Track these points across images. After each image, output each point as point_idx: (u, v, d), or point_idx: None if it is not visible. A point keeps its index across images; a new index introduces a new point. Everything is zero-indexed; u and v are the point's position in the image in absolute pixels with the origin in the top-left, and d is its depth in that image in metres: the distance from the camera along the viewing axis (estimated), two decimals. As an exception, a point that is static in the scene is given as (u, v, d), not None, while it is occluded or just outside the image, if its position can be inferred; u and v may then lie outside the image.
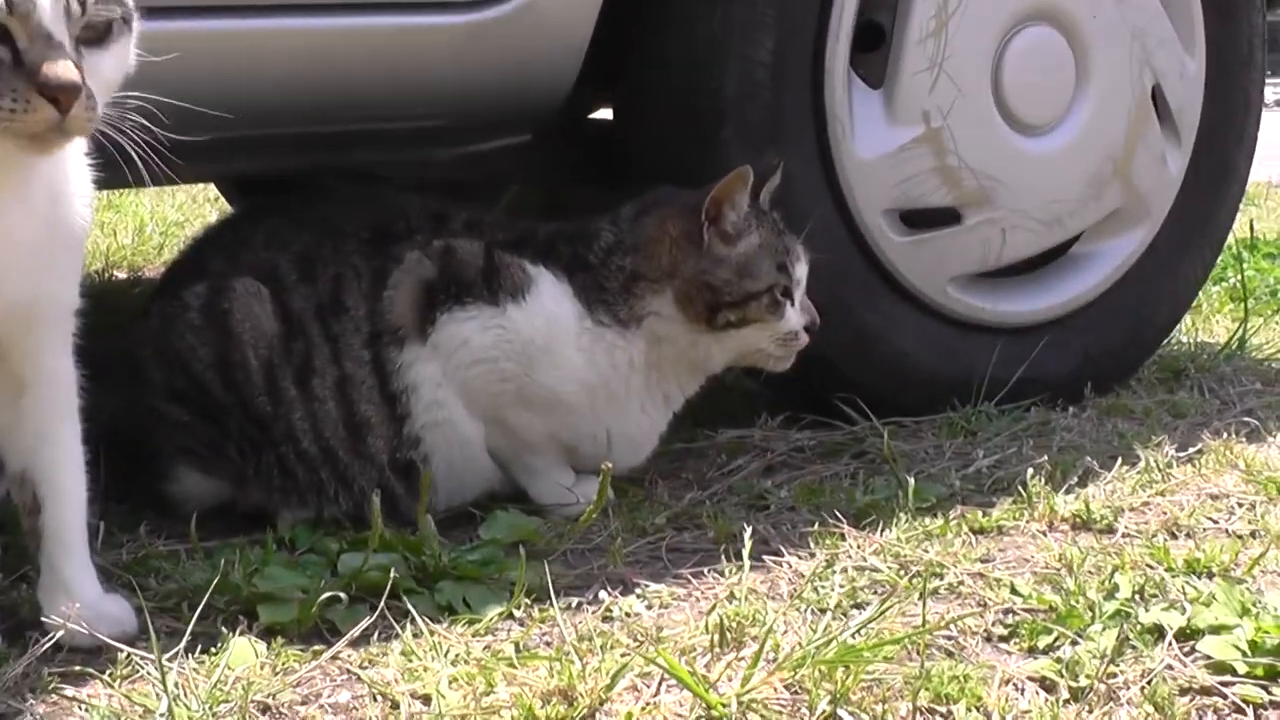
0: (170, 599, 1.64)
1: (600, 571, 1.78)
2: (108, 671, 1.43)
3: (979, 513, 1.96)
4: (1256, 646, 1.50)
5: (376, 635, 1.55)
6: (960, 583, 1.72)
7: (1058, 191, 2.49)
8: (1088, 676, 1.44)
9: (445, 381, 1.93)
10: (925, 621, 1.54)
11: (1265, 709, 1.43)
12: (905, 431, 2.35)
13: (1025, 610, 1.63)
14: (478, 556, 1.74)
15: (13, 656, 1.45)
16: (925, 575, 1.70)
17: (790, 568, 1.78)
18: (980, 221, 2.41)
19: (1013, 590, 1.68)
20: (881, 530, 1.88)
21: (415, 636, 1.53)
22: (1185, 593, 1.66)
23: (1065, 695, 1.43)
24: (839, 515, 1.93)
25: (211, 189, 4.94)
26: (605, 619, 1.62)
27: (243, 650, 1.50)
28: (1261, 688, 1.45)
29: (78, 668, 1.45)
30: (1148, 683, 1.44)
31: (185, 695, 1.38)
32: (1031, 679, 1.47)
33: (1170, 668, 1.48)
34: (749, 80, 2.19)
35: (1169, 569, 1.76)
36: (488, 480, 2.01)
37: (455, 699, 1.38)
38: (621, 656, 1.45)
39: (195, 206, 5.40)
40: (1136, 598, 1.66)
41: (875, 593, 1.68)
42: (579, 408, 1.98)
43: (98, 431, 1.65)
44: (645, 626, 1.59)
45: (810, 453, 2.27)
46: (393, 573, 1.62)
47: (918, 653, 1.49)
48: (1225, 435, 2.34)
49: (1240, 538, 1.90)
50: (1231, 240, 3.83)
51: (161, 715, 1.34)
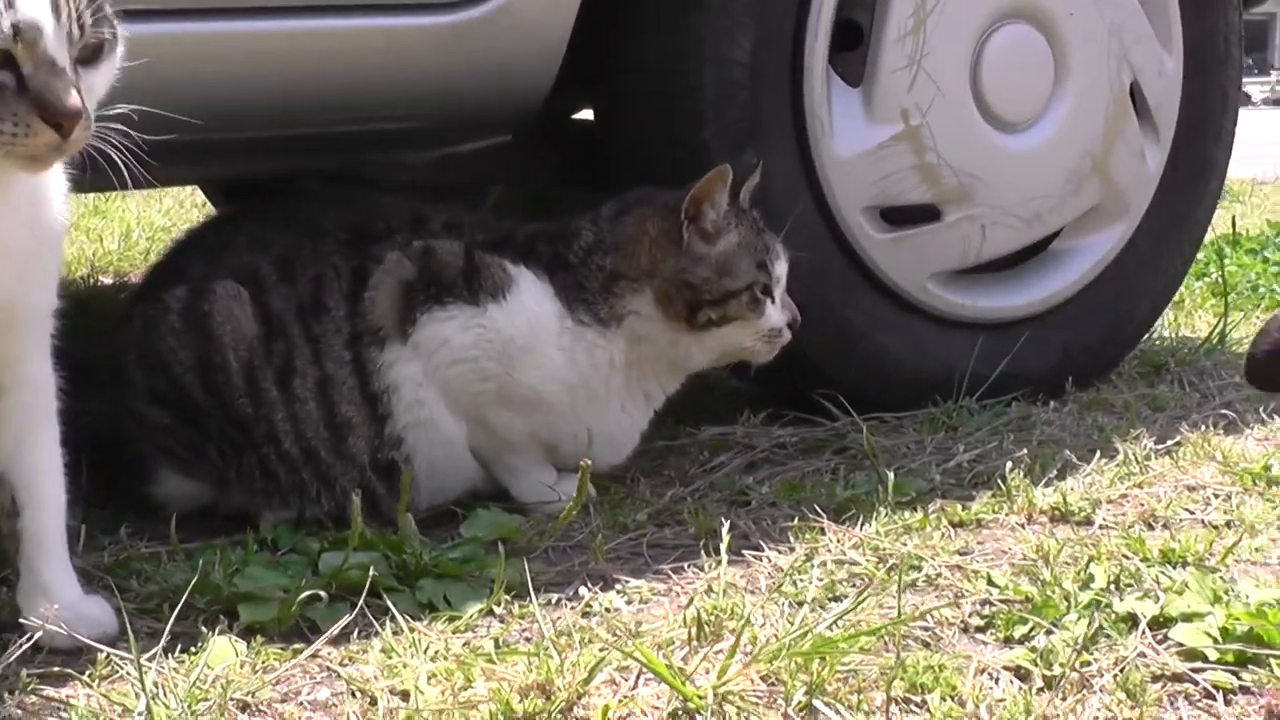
0: (151, 600, 1.65)
1: (581, 568, 1.79)
2: (87, 672, 1.44)
3: (958, 506, 1.97)
4: (1227, 633, 1.51)
5: (357, 633, 1.56)
6: (938, 575, 1.73)
7: (1037, 188, 2.51)
8: (1061, 665, 1.45)
9: (426, 381, 1.94)
10: (901, 613, 1.55)
11: (1235, 694, 1.44)
12: (887, 427, 2.37)
13: (1002, 601, 1.64)
14: (459, 554, 1.75)
15: (-7, 658, 1.46)
16: (902, 568, 1.71)
17: (770, 562, 1.79)
18: (960, 218, 2.43)
19: (989, 582, 1.69)
20: (861, 524, 1.90)
21: (395, 634, 1.54)
22: (1159, 582, 1.68)
23: (1039, 684, 1.44)
24: (819, 510, 1.94)
25: (199, 194, 4.95)
26: (585, 614, 1.63)
27: (223, 649, 1.50)
28: (1232, 673, 1.46)
29: (57, 669, 1.45)
30: (1120, 670, 1.45)
31: (164, 694, 1.38)
32: (1006, 668, 1.48)
33: (1143, 655, 1.49)
34: (727, 80, 2.20)
35: (1144, 559, 1.77)
36: (469, 479, 2.02)
37: (434, 694, 1.39)
38: (600, 651, 1.46)
39: (182, 212, 5.41)
40: (1112, 587, 1.67)
41: (853, 586, 1.69)
42: (560, 407, 1.99)
43: (81, 435, 1.65)
44: (624, 621, 1.60)
45: (792, 449, 2.28)
46: (373, 571, 1.63)
47: (894, 644, 1.50)
48: (1203, 428, 2.35)
49: (1215, 528, 1.92)
50: (1214, 236, 3.87)
51: (140, 714, 1.34)
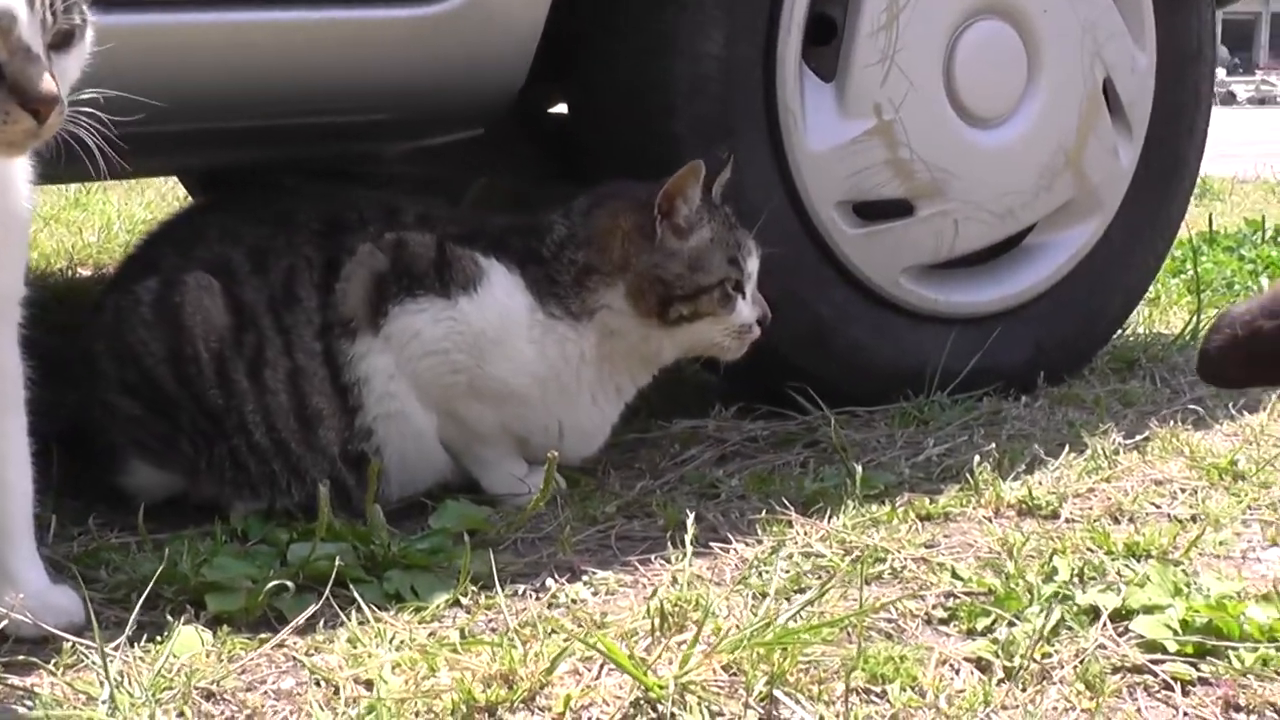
0: (120, 590, 1.65)
1: (549, 559, 1.80)
2: (52, 661, 1.44)
3: (926, 500, 1.98)
4: (1187, 625, 1.53)
5: (323, 623, 1.56)
6: (903, 567, 1.74)
7: (1010, 183, 2.52)
8: (1022, 656, 1.47)
9: (397, 373, 1.94)
10: (863, 604, 1.56)
11: (1193, 685, 1.45)
12: (858, 421, 2.38)
13: (965, 594, 1.66)
14: (427, 545, 1.75)
15: (-43, 647, 1.46)
16: (865, 559, 1.72)
17: (736, 554, 1.80)
18: (933, 213, 2.44)
19: (954, 574, 1.70)
20: (829, 517, 1.90)
21: (361, 624, 1.55)
22: (1122, 575, 1.69)
23: (999, 675, 1.46)
24: (787, 503, 1.95)
25: (181, 189, 4.95)
26: (551, 605, 1.64)
27: (189, 638, 1.51)
28: (1190, 665, 1.48)
29: (22, 657, 1.46)
30: (1080, 662, 1.47)
31: (129, 682, 1.39)
32: (967, 659, 1.49)
33: (1103, 647, 1.51)
34: (699, 73, 2.21)
35: (1109, 552, 1.78)
36: (440, 471, 2.02)
37: (397, 684, 1.40)
38: (563, 641, 1.46)
39: (164, 205, 5.40)
40: (1075, 580, 1.69)
41: (819, 578, 1.70)
42: (530, 399, 2.00)
43: (54, 426, 1.65)
44: (590, 612, 1.60)
45: (763, 442, 2.29)
46: (339, 561, 1.63)
47: (857, 635, 1.51)
48: (1172, 423, 2.36)
49: (1181, 522, 1.93)
50: (1192, 234, 3.88)
51: (104, 702, 1.35)
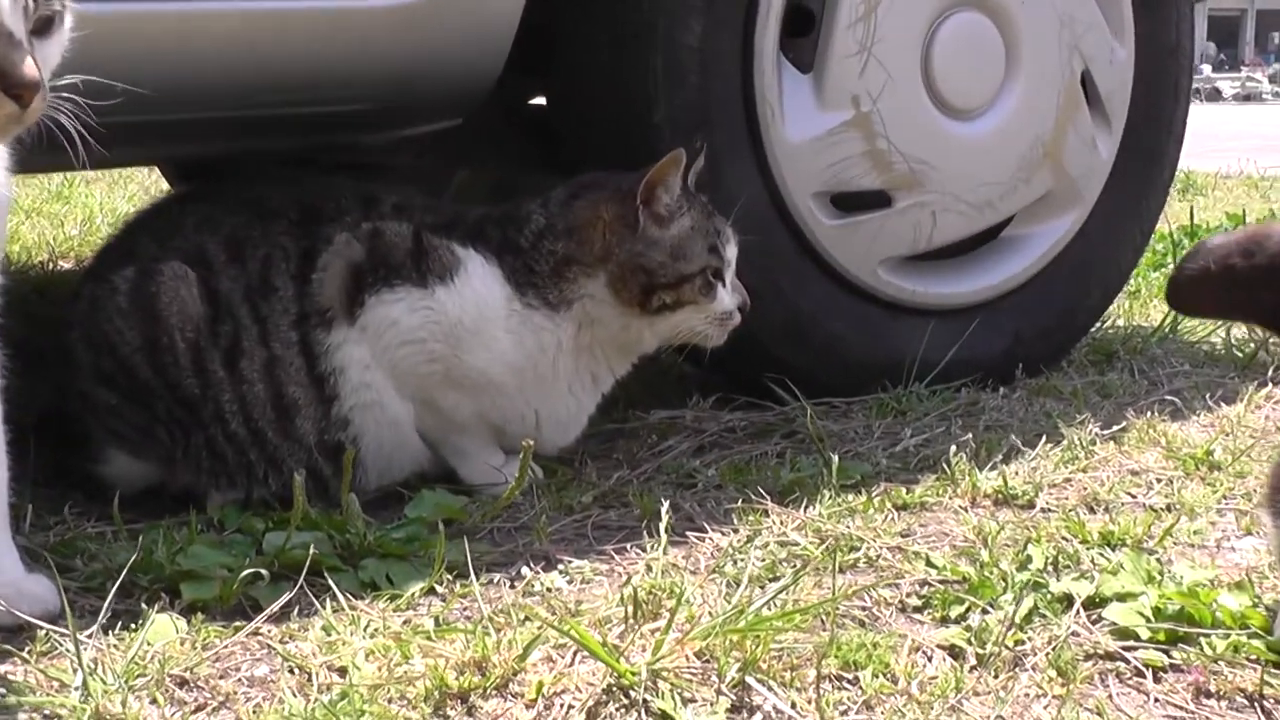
0: (95, 579, 1.65)
1: (525, 548, 1.80)
2: (26, 649, 1.44)
3: (903, 490, 1.99)
4: (1159, 612, 1.53)
5: (298, 612, 1.57)
6: (878, 556, 1.75)
7: (988, 175, 2.53)
8: (994, 644, 1.47)
9: (374, 363, 1.95)
10: (835, 591, 1.57)
11: (1165, 672, 1.46)
12: (836, 412, 2.38)
13: (940, 582, 1.66)
14: (402, 534, 1.76)
15: (-69, 635, 1.46)
16: (837, 547, 1.73)
17: (712, 543, 1.80)
18: (910, 205, 2.44)
19: (928, 563, 1.71)
20: (805, 507, 1.91)
21: (335, 612, 1.55)
22: (1096, 563, 1.70)
23: (972, 662, 1.46)
24: (764, 493, 1.95)
25: (164, 182, 4.94)
26: (526, 594, 1.64)
27: (163, 626, 1.51)
28: (1162, 651, 1.48)
29: (-4, 646, 1.46)
30: (1052, 649, 1.47)
31: (102, 670, 1.39)
32: (940, 647, 1.49)
33: (1076, 634, 1.52)
34: (677, 65, 2.21)
35: (1084, 541, 1.79)
36: (417, 461, 2.02)
37: (370, 670, 1.40)
38: (537, 629, 1.47)
39: (147, 198, 5.37)
40: (1049, 569, 1.69)
41: (793, 566, 1.70)
42: (507, 389, 2.00)
43: (31, 415, 1.65)
44: (565, 600, 1.61)
45: (741, 433, 2.29)
46: (313, 550, 1.64)
47: (830, 622, 1.51)
48: (1150, 414, 2.37)
49: (1156, 511, 1.94)
50: (1174, 228, 3.90)
51: (76, 689, 1.35)
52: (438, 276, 1.95)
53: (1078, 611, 1.56)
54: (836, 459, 2.02)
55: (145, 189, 5.66)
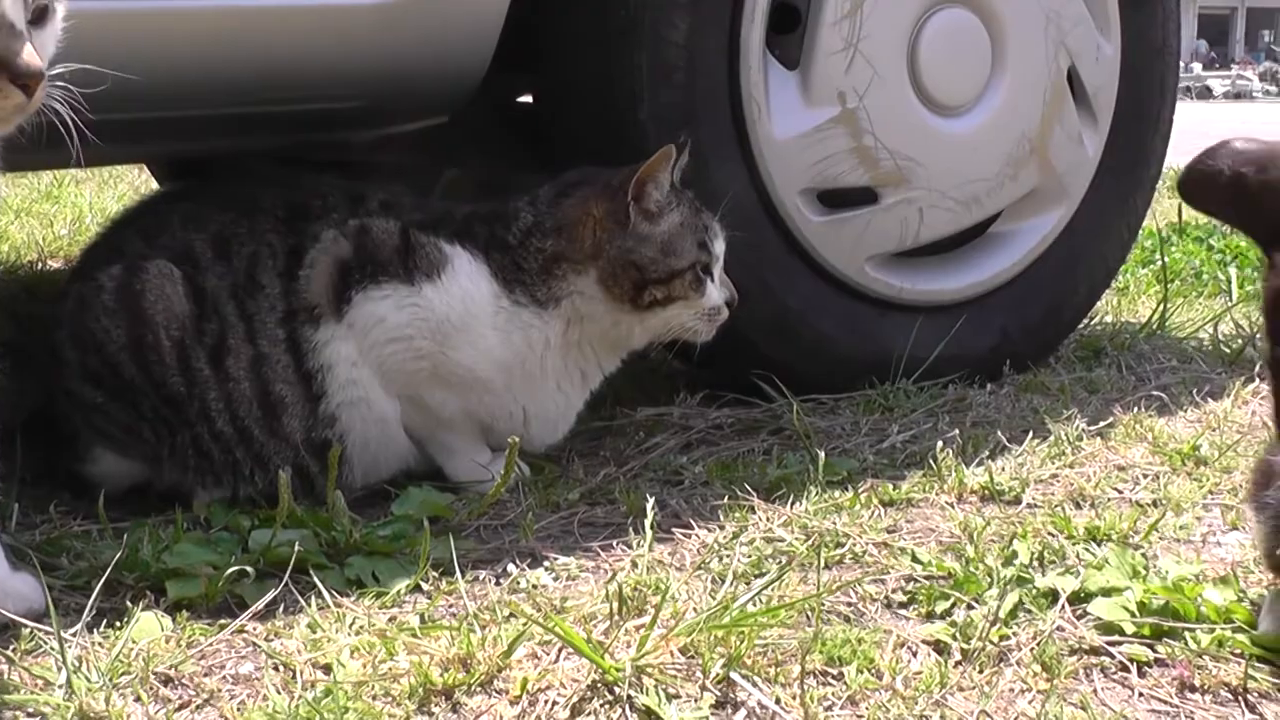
0: (81, 577, 1.65)
1: (511, 545, 1.80)
2: (11, 647, 1.44)
3: (889, 486, 1.99)
4: (1144, 607, 1.54)
5: (283, 609, 1.57)
6: (864, 552, 1.75)
7: (975, 171, 2.53)
8: (979, 639, 1.47)
9: (361, 360, 1.94)
10: (820, 586, 1.57)
11: (1149, 666, 1.46)
12: (823, 409, 2.38)
13: (925, 577, 1.66)
14: (388, 532, 1.76)
15: (-84, 634, 1.46)
16: (822, 543, 1.73)
17: (698, 539, 1.80)
18: (897, 201, 2.44)
19: (914, 558, 1.71)
20: (792, 503, 1.91)
21: (321, 609, 1.55)
22: (1081, 558, 1.70)
23: (956, 657, 1.46)
24: (750, 489, 1.95)
25: (154, 183, 4.93)
26: (512, 590, 1.64)
27: (148, 624, 1.51)
28: (1147, 646, 1.49)
29: (-19, 643, 1.46)
30: (1037, 644, 1.48)
31: (86, 667, 1.39)
32: (925, 642, 1.50)
33: (1060, 629, 1.52)
34: (664, 62, 2.21)
35: (1069, 536, 1.79)
36: (403, 458, 2.02)
37: (355, 667, 1.40)
38: (522, 625, 1.47)
39: (137, 197, 5.37)
40: (1035, 564, 1.69)
41: (779, 562, 1.70)
42: (494, 386, 2.00)
43: (18, 414, 1.65)
44: (550, 597, 1.61)
45: (728, 430, 2.29)
46: (298, 547, 1.63)
47: (815, 618, 1.51)
48: (1137, 409, 2.37)
49: (1142, 506, 1.94)
50: (1163, 224, 3.90)
51: (60, 687, 1.35)
52: (425, 274, 1.95)
53: (1063, 606, 1.56)
54: (823, 455, 2.02)
55: (135, 188, 5.64)
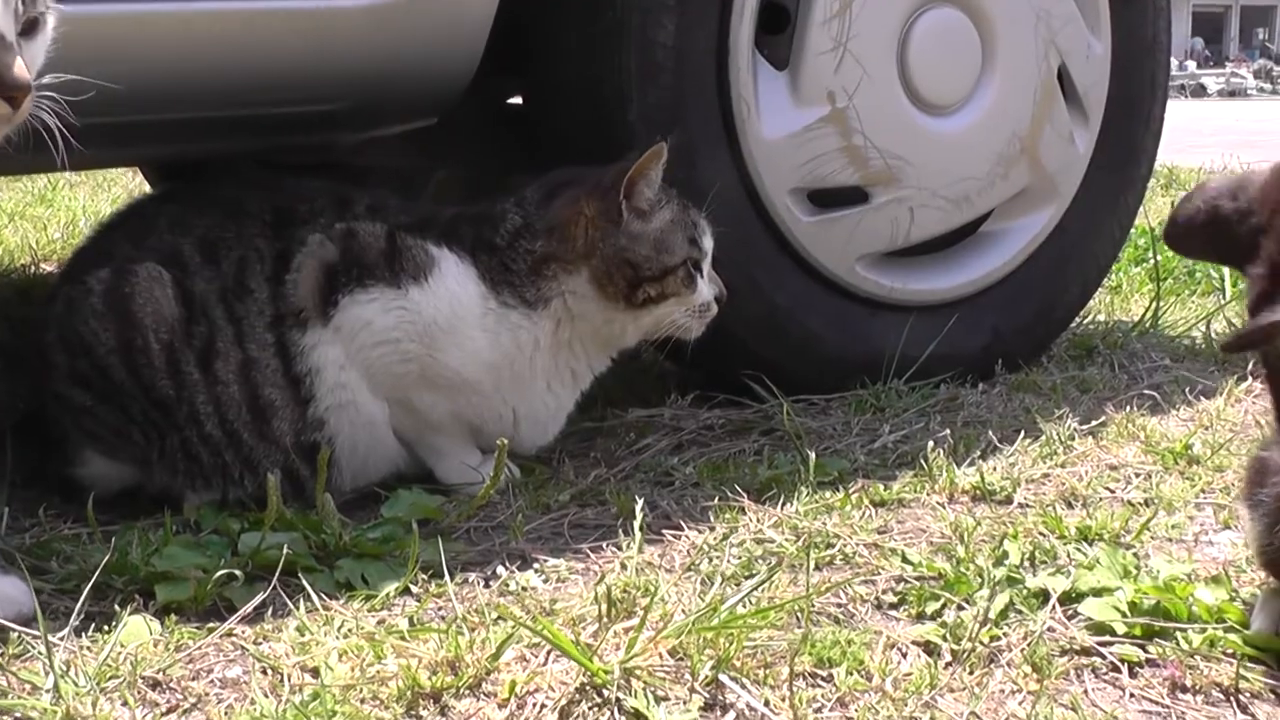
0: (70, 581, 1.65)
1: (501, 548, 1.80)
2: (-1, 651, 1.44)
3: (880, 486, 1.98)
4: (1135, 607, 1.53)
5: (272, 612, 1.56)
6: (855, 553, 1.75)
7: (965, 170, 2.52)
8: (969, 639, 1.47)
9: (349, 363, 1.94)
10: (809, 587, 1.57)
11: (1141, 667, 1.46)
12: (815, 409, 2.38)
13: (915, 578, 1.66)
14: (378, 534, 1.76)
15: (-97, 639, 1.45)
16: (810, 544, 1.73)
17: (688, 541, 1.80)
18: (888, 201, 2.44)
19: (904, 559, 1.70)
20: (782, 504, 1.91)
21: (310, 612, 1.55)
22: (1073, 558, 1.70)
23: (947, 658, 1.46)
24: (741, 490, 1.95)
25: (148, 186, 4.93)
26: (502, 593, 1.64)
27: (137, 628, 1.50)
28: (1139, 646, 1.48)
29: (-32, 649, 1.45)
30: (1028, 644, 1.47)
31: (74, 672, 1.39)
32: (915, 643, 1.49)
33: (1051, 630, 1.52)
34: (652, 62, 2.20)
35: (1061, 536, 1.79)
36: (393, 461, 2.02)
37: (343, 671, 1.40)
38: (510, 628, 1.46)
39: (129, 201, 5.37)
40: (1026, 564, 1.69)
41: (769, 564, 1.70)
42: (483, 388, 1.99)
43: (9, 418, 1.64)
44: (540, 599, 1.61)
45: (719, 430, 2.29)
46: (286, 550, 1.63)
47: (805, 619, 1.51)
48: (1129, 408, 2.37)
49: (1134, 505, 1.94)
50: (1155, 222, 3.90)
51: (48, 691, 1.34)
52: (411, 276, 1.95)
53: (1053, 607, 1.56)
54: (814, 456, 2.02)
55: (129, 192, 5.64)
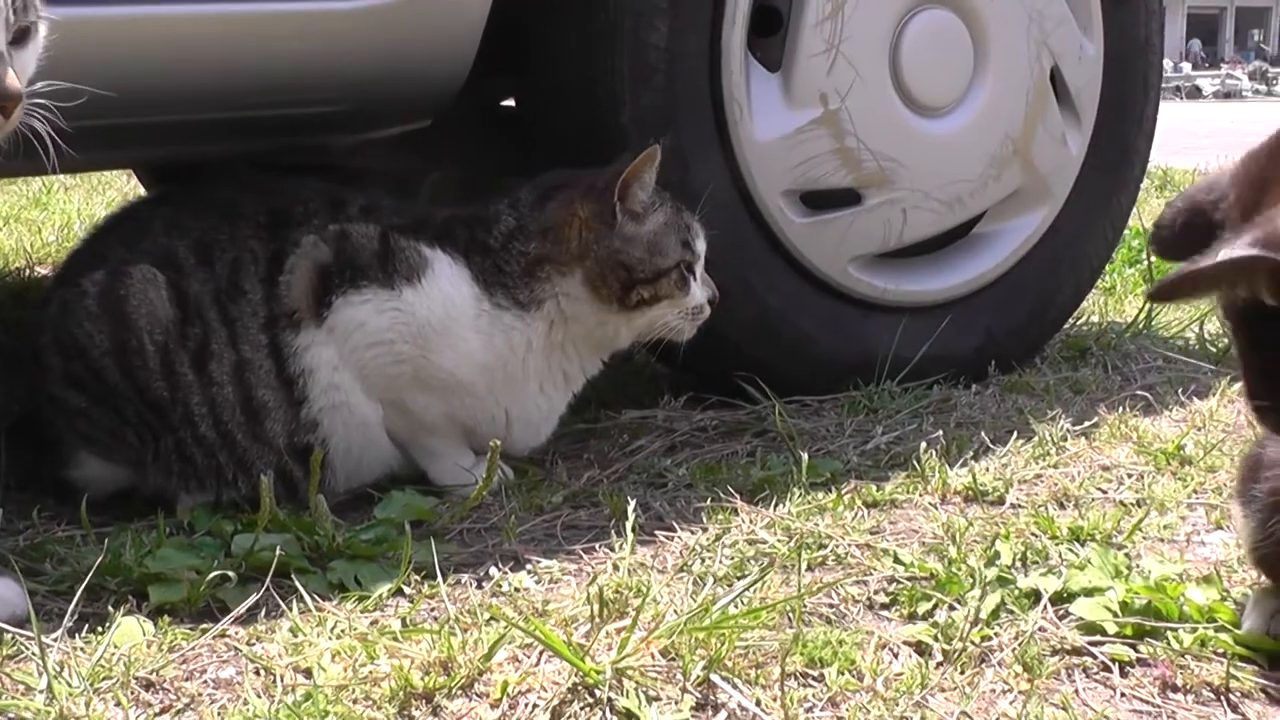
0: (64, 582, 1.65)
1: (494, 549, 1.80)
2: (-8, 653, 1.44)
3: (873, 487, 1.99)
4: (1127, 607, 1.53)
5: (265, 613, 1.57)
6: (847, 553, 1.75)
7: (958, 172, 2.53)
8: (960, 639, 1.47)
9: (342, 364, 1.94)
10: (801, 588, 1.57)
11: (1132, 666, 1.46)
12: (808, 410, 2.38)
13: (908, 579, 1.66)
14: (371, 536, 1.76)
15: (-103, 641, 1.46)
16: (803, 544, 1.73)
17: (681, 542, 1.80)
18: (880, 202, 2.44)
19: (896, 560, 1.71)
20: (775, 505, 1.91)
21: (302, 613, 1.55)
22: (1064, 559, 1.70)
23: (938, 658, 1.46)
24: (733, 491, 1.95)
25: (143, 189, 4.93)
26: (494, 594, 1.64)
27: (130, 629, 1.51)
28: (1130, 646, 1.49)
29: (-38, 650, 1.46)
30: (1019, 644, 1.47)
31: (67, 673, 1.39)
32: (907, 643, 1.50)
33: (1043, 630, 1.52)
34: (644, 64, 2.21)
35: (1053, 537, 1.79)
36: (386, 462, 2.02)
37: (335, 671, 1.40)
38: (502, 628, 1.47)
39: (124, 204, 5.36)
40: (1017, 564, 1.69)
41: (761, 564, 1.70)
42: (476, 389, 2.00)
43: (3, 420, 1.64)
44: (532, 600, 1.61)
45: (712, 432, 2.29)
46: (279, 551, 1.63)
47: (796, 619, 1.51)
48: (1122, 409, 2.37)
49: (1126, 506, 1.94)
50: (1149, 223, 3.90)
51: (41, 692, 1.35)
52: (405, 277, 1.95)
53: (1045, 607, 1.56)
54: (807, 457, 2.02)
55: (124, 195, 5.64)
